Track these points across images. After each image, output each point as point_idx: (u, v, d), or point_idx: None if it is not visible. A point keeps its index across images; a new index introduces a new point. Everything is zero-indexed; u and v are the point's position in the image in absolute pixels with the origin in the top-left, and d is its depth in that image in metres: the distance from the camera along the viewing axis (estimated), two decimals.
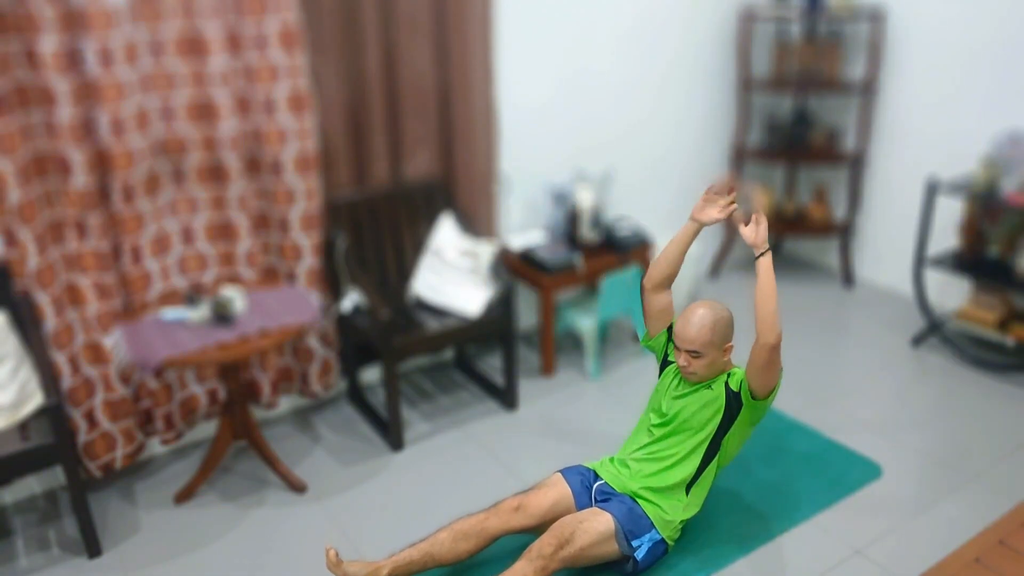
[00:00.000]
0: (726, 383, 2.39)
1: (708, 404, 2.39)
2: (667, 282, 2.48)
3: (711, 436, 2.41)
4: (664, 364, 2.59)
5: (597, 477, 2.51)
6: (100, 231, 2.70)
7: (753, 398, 2.34)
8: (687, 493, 2.44)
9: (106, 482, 2.97)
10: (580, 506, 2.44)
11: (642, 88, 4.01)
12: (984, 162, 3.54)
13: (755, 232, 2.31)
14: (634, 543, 2.34)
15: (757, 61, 4.43)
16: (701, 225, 2.40)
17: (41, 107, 2.52)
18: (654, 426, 2.49)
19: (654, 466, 2.45)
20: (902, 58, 4.06)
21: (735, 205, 2.37)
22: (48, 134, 2.55)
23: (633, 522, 2.35)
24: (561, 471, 2.51)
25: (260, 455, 2.94)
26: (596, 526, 2.29)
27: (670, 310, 2.53)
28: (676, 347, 2.41)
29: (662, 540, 2.40)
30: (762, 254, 2.29)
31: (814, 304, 4.30)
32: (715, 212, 2.38)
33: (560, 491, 2.44)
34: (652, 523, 2.39)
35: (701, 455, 2.42)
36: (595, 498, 2.44)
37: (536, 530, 2.39)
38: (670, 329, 2.55)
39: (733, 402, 2.37)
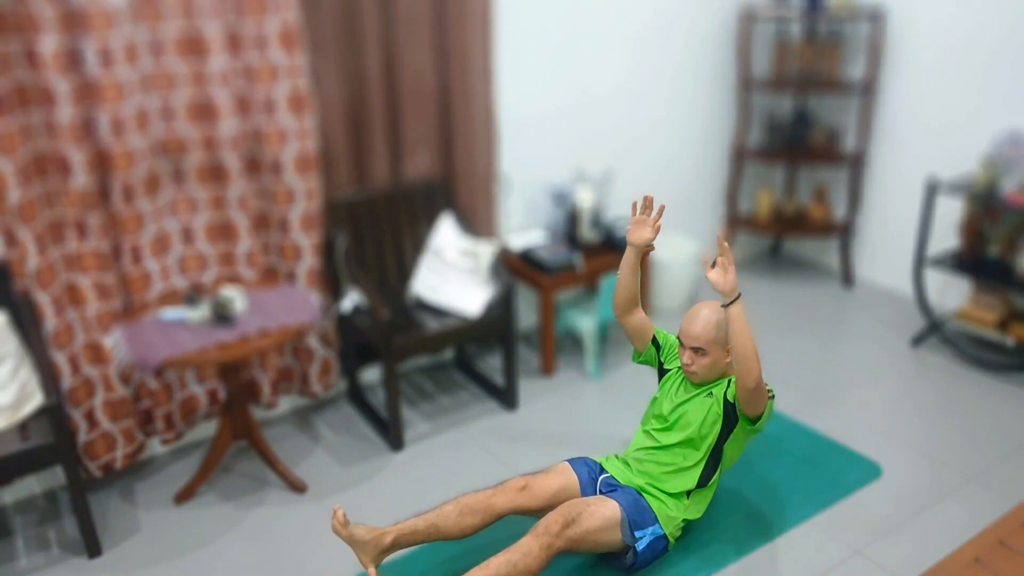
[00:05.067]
0: (724, 393, 2.39)
1: (708, 412, 2.40)
2: (631, 304, 2.52)
3: (712, 447, 2.42)
4: (662, 373, 2.60)
5: (603, 470, 2.52)
6: (100, 231, 2.70)
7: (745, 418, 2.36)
8: (688, 498, 2.45)
9: (106, 482, 2.97)
10: (585, 496, 2.45)
11: (642, 88, 4.01)
12: (984, 162, 3.54)
13: (723, 278, 2.21)
14: (637, 534, 2.35)
15: (757, 61, 4.43)
16: (639, 248, 2.42)
17: (41, 107, 2.52)
18: (655, 430, 2.50)
19: (656, 468, 2.46)
20: (902, 58, 4.06)
21: (660, 224, 2.38)
22: (48, 134, 2.55)
23: (638, 513, 2.37)
24: (568, 460, 2.53)
25: (260, 455, 2.94)
26: (603, 511, 2.30)
27: (647, 326, 2.58)
28: (680, 344, 2.43)
29: (664, 536, 2.41)
30: (731, 302, 2.22)
31: (814, 304, 4.30)
32: (646, 233, 2.40)
33: (567, 478, 2.45)
34: (656, 517, 2.40)
35: (702, 467, 2.43)
36: (600, 490, 2.46)
37: (540, 513, 2.41)
38: (655, 341, 2.60)
39: (731, 413, 2.38)
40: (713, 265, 2.25)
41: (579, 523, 2.24)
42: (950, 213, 4.02)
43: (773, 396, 2.37)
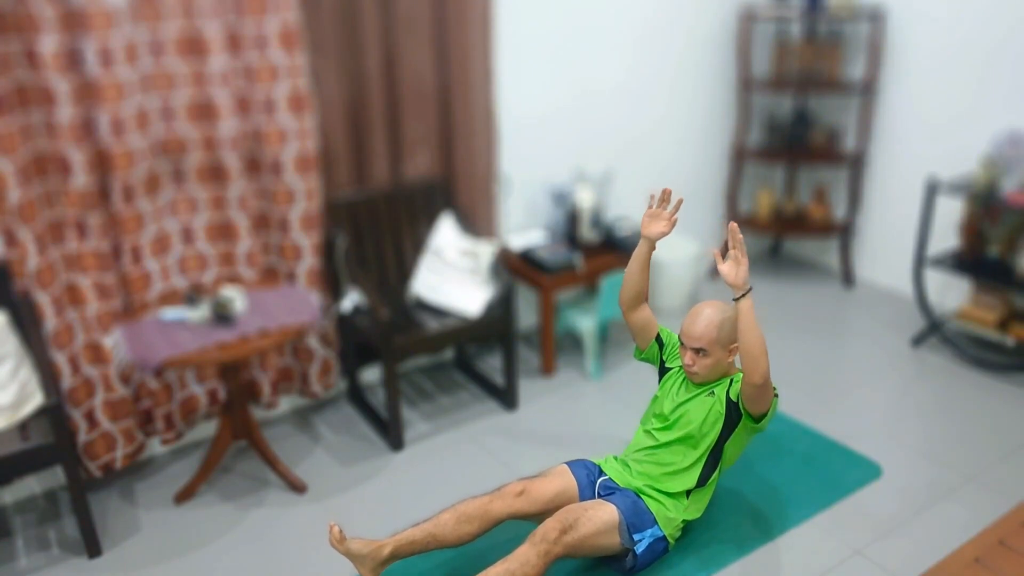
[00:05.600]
0: (727, 392, 2.39)
1: (710, 411, 2.39)
2: (638, 300, 2.51)
3: (712, 446, 2.41)
4: (663, 371, 2.60)
5: (602, 472, 2.51)
6: (100, 231, 2.70)
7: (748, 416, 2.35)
8: (687, 498, 2.45)
9: (106, 482, 2.97)
10: (583, 499, 2.44)
11: (642, 88, 4.01)
12: (984, 162, 3.54)
13: (734, 271, 2.20)
14: (636, 536, 2.34)
15: (757, 61, 4.44)
16: (652, 241, 2.41)
17: (41, 107, 2.52)
18: (656, 429, 2.49)
19: (656, 469, 2.45)
20: (902, 58, 4.06)
21: (677, 217, 2.36)
22: (48, 134, 2.55)
23: (636, 516, 2.36)
24: (567, 463, 2.52)
25: (260, 455, 2.94)
26: (601, 515, 2.29)
27: (652, 323, 2.57)
28: (682, 344, 2.42)
29: (663, 537, 2.40)
30: (743, 295, 2.20)
31: (814, 304, 4.30)
32: (661, 226, 2.39)
33: (565, 481, 2.44)
34: (655, 519, 2.39)
35: (702, 466, 2.43)
36: (599, 492, 2.45)
37: (538, 517, 2.40)
38: (659, 339, 2.59)
39: (733, 412, 2.37)
40: (724, 257, 2.23)
41: (576, 529, 2.23)
42: (950, 213, 4.02)
43: (777, 395, 2.36)
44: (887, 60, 4.13)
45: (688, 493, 2.44)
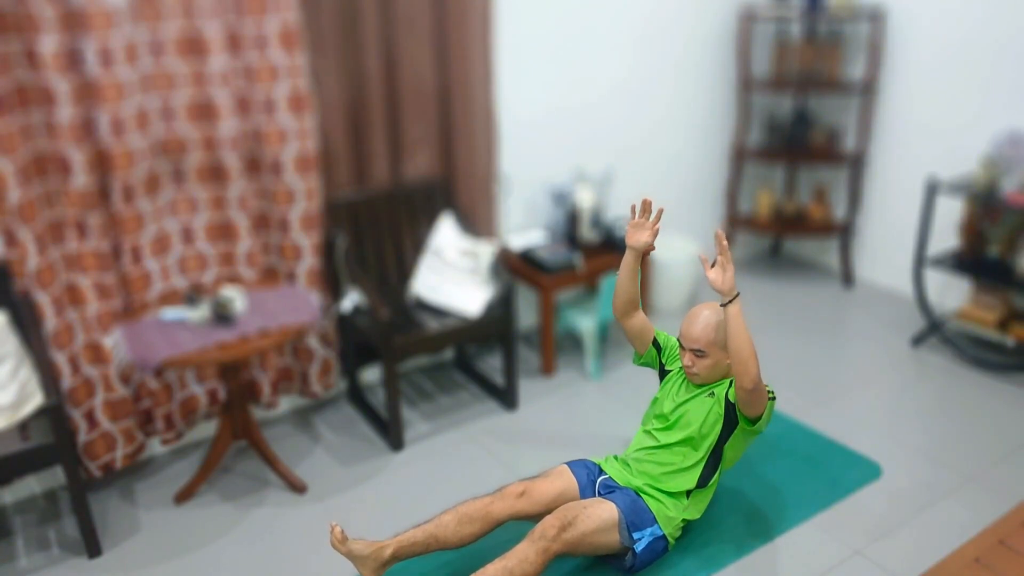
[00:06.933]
0: (726, 394, 2.39)
1: (709, 412, 2.40)
2: (631, 307, 2.52)
3: (712, 447, 2.42)
4: (663, 374, 2.60)
5: (602, 471, 2.52)
6: (100, 231, 2.70)
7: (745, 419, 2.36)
8: (687, 498, 2.45)
9: (106, 482, 2.97)
10: (584, 498, 2.44)
11: (642, 88, 4.01)
12: (984, 162, 3.54)
13: (721, 277, 2.22)
14: (635, 535, 2.34)
15: (757, 61, 4.44)
16: (637, 251, 2.42)
17: (41, 107, 2.52)
18: (656, 430, 2.50)
19: (656, 468, 2.45)
20: (902, 58, 4.06)
21: (659, 225, 2.38)
22: (48, 134, 2.55)
23: (636, 514, 2.36)
24: (567, 463, 2.52)
25: (260, 455, 2.94)
26: (600, 513, 2.30)
27: (648, 328, 2.58)
28: (681, 346, 2.43)
29: (663, 536, 2.40)
30: (730, 301, 2.22)
31: (814, 304, 4.30)
32: (645, 236, 2.39)
33: (566, 482, 2.45)
34: (655, 517, 2.39)
35: (702, 467, 2.43)
36: (599, 491, 2.45)
37: (539, 518, 2.40)
38: (656, 343, 2.60)
39: (732, 413, 2.37)
40: (713, 264, 2.25)
41: (576, 526, 2.23)
42: (950, 213, 4.02)
43: (774, 398, 2.36)
44: (887, 60, 4.13)
45: (688, 493, 2.44)
